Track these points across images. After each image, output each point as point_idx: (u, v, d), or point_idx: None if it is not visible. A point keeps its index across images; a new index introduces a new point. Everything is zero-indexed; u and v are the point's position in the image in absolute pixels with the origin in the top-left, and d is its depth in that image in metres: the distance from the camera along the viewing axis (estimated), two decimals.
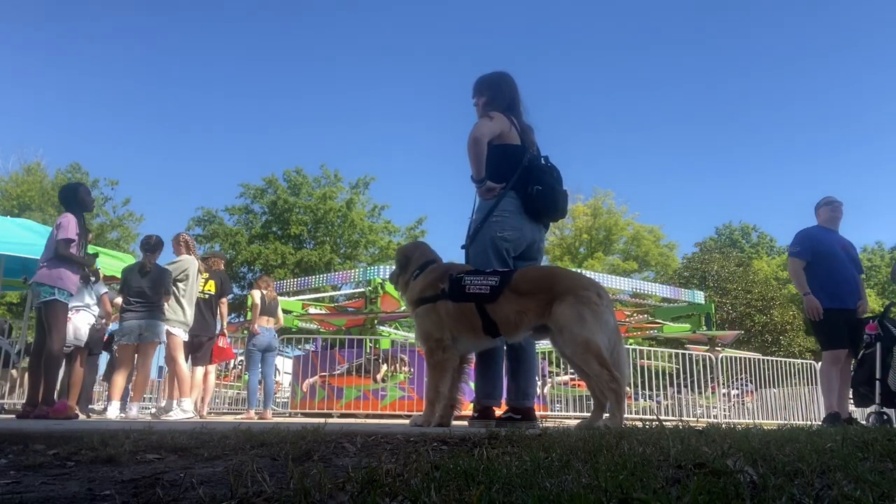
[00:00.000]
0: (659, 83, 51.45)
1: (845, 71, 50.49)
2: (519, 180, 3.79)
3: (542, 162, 3.91)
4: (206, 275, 7.67)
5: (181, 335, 7.00)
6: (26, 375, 7.34)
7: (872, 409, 5.48)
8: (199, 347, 7.55)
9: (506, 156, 3.82)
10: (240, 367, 13.58)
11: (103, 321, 7.69)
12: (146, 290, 6.71)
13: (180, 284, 7.03)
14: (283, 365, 15.59)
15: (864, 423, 5.33)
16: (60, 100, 44.10)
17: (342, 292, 16.18)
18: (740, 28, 49.98)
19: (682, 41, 51.07)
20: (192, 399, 7.12)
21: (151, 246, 6.95)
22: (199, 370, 7.70)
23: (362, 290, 14.06)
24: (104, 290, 7.39)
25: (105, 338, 8.16)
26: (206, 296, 7.66)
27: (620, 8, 50.04)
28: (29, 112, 42.98)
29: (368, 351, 10.95)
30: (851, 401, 6.05)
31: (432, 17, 50.68)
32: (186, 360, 7.33)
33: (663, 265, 34.27)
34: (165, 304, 6.93)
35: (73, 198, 5.86)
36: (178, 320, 6.97)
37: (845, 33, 49.54)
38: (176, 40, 45.25)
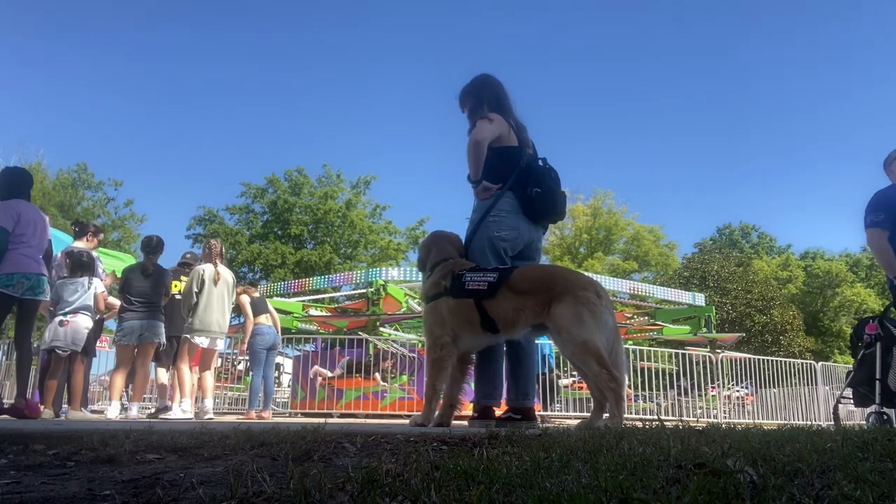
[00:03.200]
0: (659, 84, 51.51)
1: (846, 68, 50.53)
2: (517, 181, 3.80)
3: (541, 163, 3.91)
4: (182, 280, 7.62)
5: (200, 342, 6.97)
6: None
7: (872, 409, 5.48)
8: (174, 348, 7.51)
9: (504, 158, 3.82)
10: (241, 368, 13.58)
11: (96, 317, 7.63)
12: (148, 290, 6.71)
13: (198, 292, 7.03)
14: (284, 365, 15.58)
15: (863, 423, 5.32)
16: (61, 100, 44.13)
17: (342, 293, 16.17)
18: (739, 29, 50.03)
19: (682, 43, 51.13)
20: (192, 399, 7.11)
21: (153, 247, 6.96)
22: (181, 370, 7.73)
23: (363, 290, 14.07)
24: (102, 288, 7.35)
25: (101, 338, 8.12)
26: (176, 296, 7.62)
27: (621, 11, 50.06)
28: (30, 112, 43.04)
29: (371, 352, 10.97)
30: (851, 401, 6.04)
31: (436, 19, 50.72)
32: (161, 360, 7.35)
33: (663, 265, 34.29)
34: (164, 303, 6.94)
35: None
36: (193, 328, 6.95)
37: (845, 32, 49.56)
38: (180, 42, 45.32)
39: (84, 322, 6.92)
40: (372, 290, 12.69)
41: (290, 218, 28.00)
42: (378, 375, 10.40)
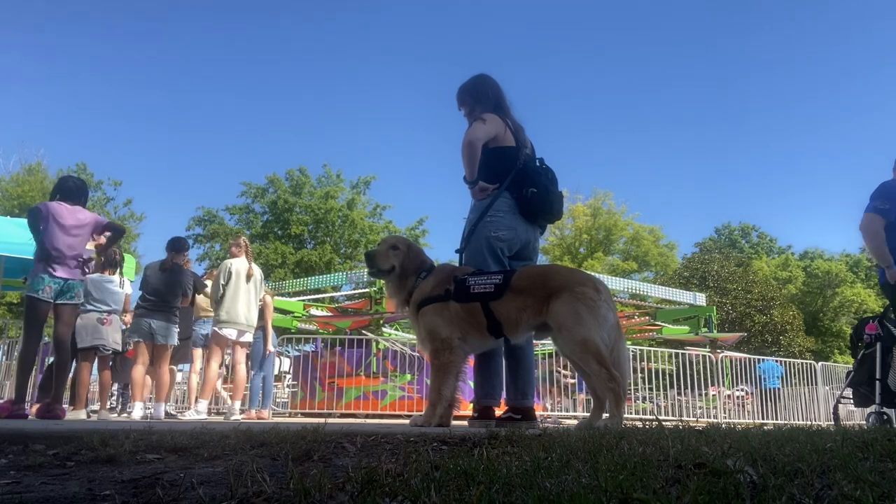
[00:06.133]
0: (658, 84, 51.50)
1: (846, 69, 50.53)
2: (513, 182, 3.80)
3: (537, 164, 3.91)
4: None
5: (228, 334, 7.04)
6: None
7: (872, 409, 5.47)
8: (177, 349, 7.52)
9: (501, 158, 3.82)
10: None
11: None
12: (162, 289, 6.73)
13: (225, 285, 7.09)
14: (285, 365, 15.57)
15: (863, 423, 5.32)
16: (61, 100, 44.11)
17: (343, 293, 16.16)
18: (739, 29, 50.01)
19: (681, 43, 51.11)
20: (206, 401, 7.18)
21: (175, 246, 7.00)
22: (174, 369, 7.84)
23: (363, 291, 14.05)
24: (130, 289, 7.35)
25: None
26: None
27: (620, 11, 50.06)
28: (30, 112, 43.00)
29: (376, 351, 10.98)
30: (851, 401, 6.04)
31: (436, 18, 50.72)
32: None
33: (663, 265, 34.27)
34: (186, 305, 7.08)
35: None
36: (220, 320, 7.03)
37: (845, 32, 49.57)
38: (179, 41, 45.27)
39: (118, 323, 6.91)
40: (375, 288, 12.70)
41: (290, 218, 28.00)
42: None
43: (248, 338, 7.32)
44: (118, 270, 6.85)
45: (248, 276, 7.19)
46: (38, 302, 5.36)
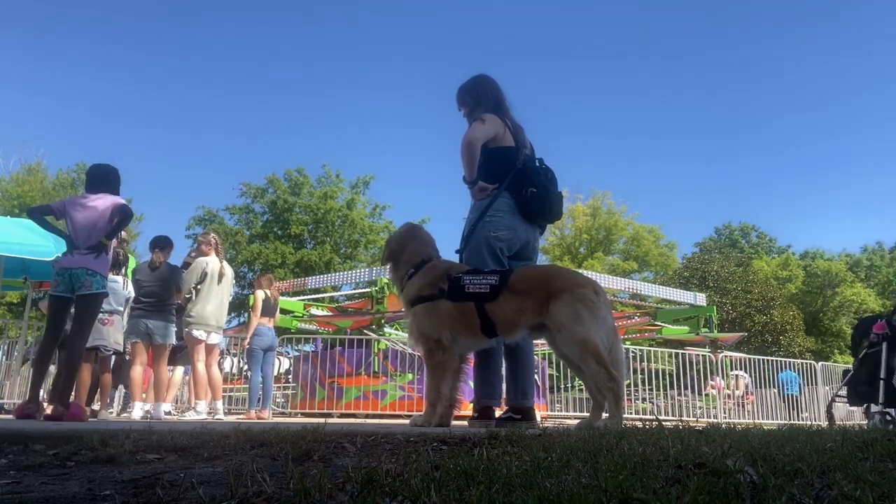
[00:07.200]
0: (659, 85, 51.50)
1: (845, 72, 50.54)
2: (513, 181, 3.80)
3: (537, 164, 3.91)
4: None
5: (200, 335, 6.98)
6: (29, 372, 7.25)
7: (875, 409, 5.47)
8: (179, 349, 7.50)
9: (501, 158, 3.83)
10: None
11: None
12: (156, 289, 6.70)
13: (199, 285, 7.04)
14: (285, 366, 15.57)
15: (863, 423, 5.32)
16: (61, 100, 44.09)
17: (342, 293, 16.16)
18: (739, 32, 50.02)
19: (682, 44, 51.11)
20: (206, 401, 7.13)
21: (159, 244, 6.94)
22: (179, 370, 7.89)
23: (363, 290, 14.05)
24: (133, 293, 7.30)
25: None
26: None
27: (621, 13, 50.05)
28: (30, 112, 42.98)
29: (376, 351, 10.98)
30: (846, 399, 6.03)
31: (436, 18, 50.71)
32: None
33: (663, 265, 34.27)
34: (179, 302, 6.97)
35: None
36: (194, 322, 6.97)
37: (843, 35, 49.58)
38: (179, 41, 45.28)
39: (120, 323, 6.88)
40: (376, 288, 12.72)
41: (290, 218, 28.00)
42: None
43: (216, 339, 7.25)
44: (121, 271, 6.84)
45: (220, 276, 7.11)
46: (51, 297, 5.15)
